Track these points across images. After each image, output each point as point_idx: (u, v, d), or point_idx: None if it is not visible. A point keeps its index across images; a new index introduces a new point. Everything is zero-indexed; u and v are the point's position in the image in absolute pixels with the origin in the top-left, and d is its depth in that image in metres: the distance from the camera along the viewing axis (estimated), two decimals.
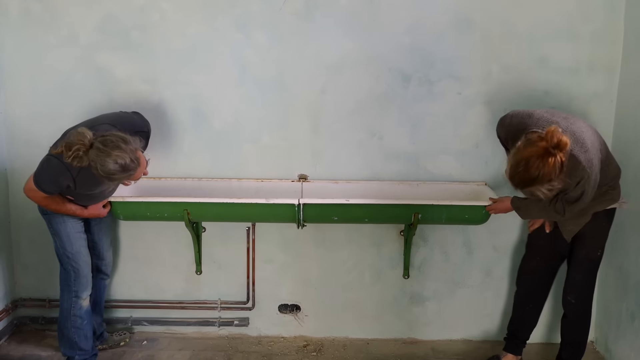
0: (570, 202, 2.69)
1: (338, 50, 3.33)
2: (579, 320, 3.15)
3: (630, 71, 3.23)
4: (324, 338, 3.67)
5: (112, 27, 3.32)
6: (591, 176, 2.57)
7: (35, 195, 2.90)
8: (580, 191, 2.62)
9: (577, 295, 3.09)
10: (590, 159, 2.55)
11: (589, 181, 2.58)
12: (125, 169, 2.64)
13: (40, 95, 3.40)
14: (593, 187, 2.63)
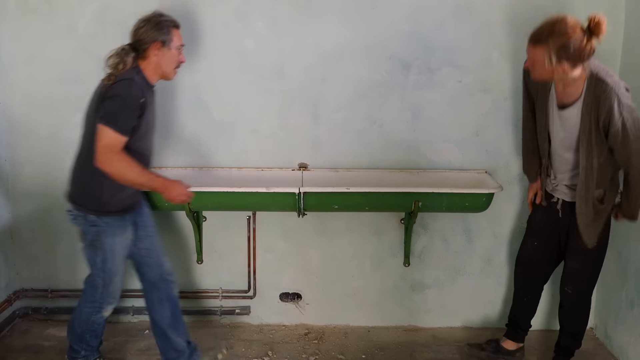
0: (619, 141, 2.65)
1: (338, 38, 3.32)
2: (576, 311, 3.10)
3: (630, 59, 3.23)
4: (325, 326, 3.69)
5: (111, 16, 3.31)
6: (622, 101, 2.59)
7: (119, 159, 2.58)
8: (619, 123, 2.60)
9: (574, 286, 3.03)
10: (619, 86, 2.62)
11: (623, 107, 2.59)
12: (168, 18, 2.76)
13: (39, 85, 3.39)
14: (635, 126, 2.62)
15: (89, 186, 2.75)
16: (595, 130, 2.67)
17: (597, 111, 2.64)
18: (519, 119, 3.29)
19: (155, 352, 3.33)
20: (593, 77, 2.66)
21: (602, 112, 2.62)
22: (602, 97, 2.61)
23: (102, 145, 2.58)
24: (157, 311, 3.10)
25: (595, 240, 2.86)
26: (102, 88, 2.70)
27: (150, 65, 2.76)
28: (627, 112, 2.59)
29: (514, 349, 3.32)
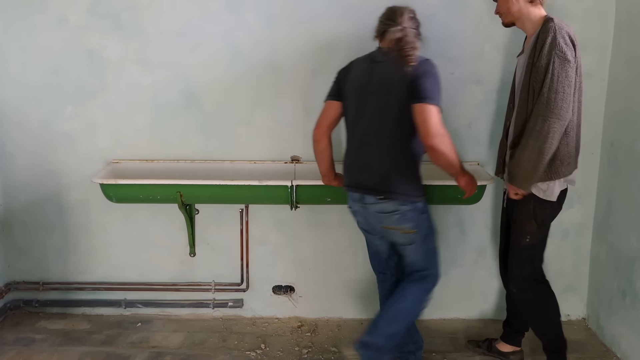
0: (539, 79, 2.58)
1: (330, 30, 3.32)
2: (527, 311, 2.98)
3: (621, 50, 3.24)
4: (318, 318, 3.69)
5: (102, 8, 3.30)
6: (558, 42, 2.54)
7: (448, 137, 2.58)
8: (544, 60, 2.56)
9: (516, 284, 2.91)
10: (562, 29, 2.58)
11: (557, 47, 2.54)
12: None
13: (30, 77, 3.38)
14: (560, 77, 2.54)
15: (410, 172, 2.72)
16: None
17: (536, 48, 2.63)
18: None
19: (146, 344, 3.34)
20: (546, 18, 2.67)
21: (538, 47, 2.61)
22: (542, 32, 2.61)
23: (434, 124, 2.52)
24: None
25: (528, 187, 2.70)
26: (399, 69, 2.62)
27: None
28: (558, 57, 2.55)
29: (508, 351, 3.24)
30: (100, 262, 3.63)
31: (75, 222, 3.57)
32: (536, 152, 2.58)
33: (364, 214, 2.82)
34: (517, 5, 2.73)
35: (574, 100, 2.62)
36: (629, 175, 3.12)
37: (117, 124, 3.43)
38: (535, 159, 2.59)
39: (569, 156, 2.69)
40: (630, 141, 3.11)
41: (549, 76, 2.54)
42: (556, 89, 2.53)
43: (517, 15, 2.75)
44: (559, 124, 2.55)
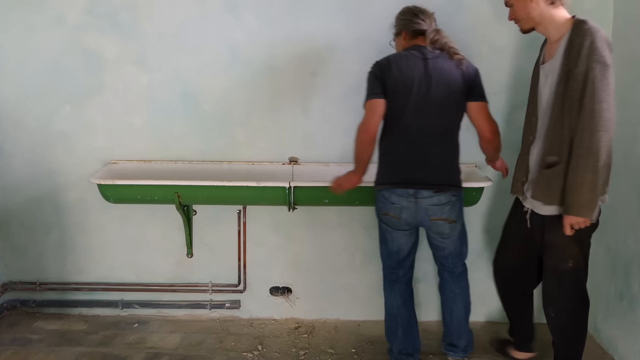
0: (579, 88, 2.43)
1: (328, 32, 3.32)
2: (561, 334, 2.85)
3: (619, 51, 3.23)
4: (315, 320, 3.69)
5: (101, 8, 3.30)
6: (597, 46, 2.38)
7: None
8: (583, 67, 2.40)
9: (555, 308, 2.79)
10: (599, 32, 2.43)
11: (596, 52, 2.38)
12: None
13: (28, 77, 3.38)
14: (602, 84, 2.38)
15: (459, 163, 2.91)
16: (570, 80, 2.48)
17: (570, 54, 2.47)
18: (509, 113, 3.32)
19: (143, 345, 3.34)
20: (576, 21, 2.49)
21: (573, 53, 2.44)
22: (576, 35, 2.43)
23: (494, 121, 2.84)
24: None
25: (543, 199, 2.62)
26: (457, 66, 2.76)
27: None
28: (598, 62, 2.37)
29: (524, 358, 3.21)
30: (98, 263, 3.62)
31: (72, 222, 3.56)
32: (590, 172, 2.40)
33: (413, 209, 2.83)
34: (537, 9, 2.55)
35: None
36: (626, 178, 3.12)
37: (114, 124, 3.43)
38: (591, 180, 2.41)
39: (610, 170, 2.50)
40: (627, 143, 3.11)
41: (590, 85, 2.38)
42: (599, 98, 2.36)
43: (538, 20, 2.58)
44: (607, 137, 2.39)
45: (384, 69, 2.74)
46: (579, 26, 2.44)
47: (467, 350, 3.16)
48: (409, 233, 2.94)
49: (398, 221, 2.88)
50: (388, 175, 2.85)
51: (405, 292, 3.08)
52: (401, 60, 2.75)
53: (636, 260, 3.02)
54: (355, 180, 2.88)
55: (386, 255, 3.05)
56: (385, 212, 2.89)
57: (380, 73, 2.74)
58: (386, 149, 2.84)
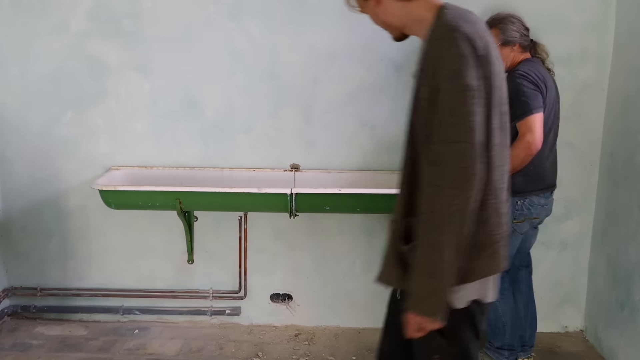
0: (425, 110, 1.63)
1: (330, 39, 3.33)
2: None
3: (621, 61, 3.24)
4: (315, 327, 3.68)
5: (104, 15, 3.31)
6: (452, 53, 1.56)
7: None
8: (429, 87, 1.60)
9: None
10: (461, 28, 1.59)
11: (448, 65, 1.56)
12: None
13: (30, 83, 3.39)
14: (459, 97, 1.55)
15: None
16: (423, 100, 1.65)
17: (419, 67, 1.68)
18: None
19: (143, 351, 3.33)
20: (437, 11, 1.69)
21: (420, 66, 1.66)
22: (428, 37, 1.64)
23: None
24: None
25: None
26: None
27: None
28: (449, 81, 1.55)
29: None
30: (98, 269, 3.62)
31: (73, 228, 3.57)
32: (431, 249, 1.59)
33: (549, 208, 3.11)
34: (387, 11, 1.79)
35: (490, 145, 1.62)
36: (628, 187, 3.12)
37: (117, 130, 3.44)
38: (433, 262, 1.59)
39: (473, 247, 1.64)
40: (629, 152, 3.11)
41: (438, 115, 1.57)
42: (449, 136, 1.55)
43: (397, 23, 1.82)
44: (463, 196, 1.54)
45: (539, 81, 2.86)
46: (435, 21, 1.65)
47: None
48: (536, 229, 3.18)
49: (532, 222, 3.06)
50: (540, 181, 3.01)
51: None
52: (544, 71, 2.95)
53: (637, 270, 3.02)
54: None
55: (513, 255, 3.12)
56: (529, 216, 3.01)
57: (538, 87, 2.85)
58: (535, 157, 2.89)
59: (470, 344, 1.76)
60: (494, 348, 3.19)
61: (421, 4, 1.72)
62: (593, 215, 3.51)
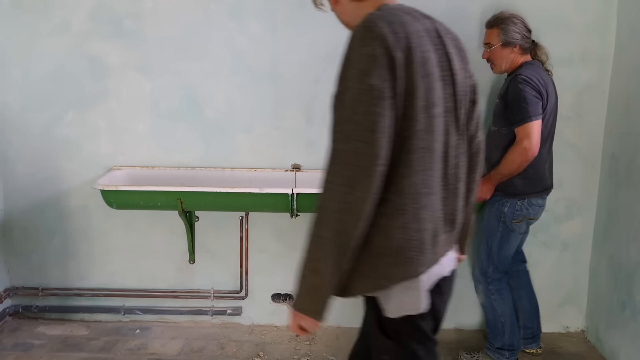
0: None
1: (331, 39, 3.31)
2: None
3: (622, 62, 3.24)
4: None
5: (105, 15, 3.31)
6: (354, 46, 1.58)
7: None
8: (338, 87, 1.60)
9: None
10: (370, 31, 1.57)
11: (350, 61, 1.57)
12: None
13: (32, 83, 3.39)
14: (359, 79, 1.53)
15: None
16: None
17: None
18: None
19: (144, 351, 3.34)
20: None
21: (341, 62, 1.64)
22: (348, 39, 1.62)
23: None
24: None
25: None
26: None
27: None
28: (351, 80, 1.53)
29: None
30: (100, 269, 3.63)
31: (75, 228, 3.57)
32: (315, 245, 1.59)
33: (544, 208, 3.14)
34: (344, 11, 1.84)
35: (409, 148, 1.59)
36: (629, 188, 3.12)
37: (118, 130, 3.44)
38: (313, 258, 1.59)
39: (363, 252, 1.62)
40: (631, 153, 3.11)
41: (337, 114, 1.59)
42: (346, 134, 1.53)
43: (351, 23, 1.78)
44: (351, 197, 1.51)
45: (541, 88, 2.87)
46: (361, 21, 1.63)
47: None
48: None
49: (529, 222, 3.11)
50: (539, 183, 3.04)
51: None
52: (546, 79, 2.96)
53: (638, 271, 3.02)
54: (492, 192, 3.07)
55: (503, 259, 3.16)
56: (527, 216, 3.06)
57: (539, 94, 2.87)
58: (535, 160, 2.94)
59: (416, 347, 1.76)
60: (494, 349, 3.20)
61: (369, 4, 1.72)
62: (594, 216, 3.51)
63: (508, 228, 3.05)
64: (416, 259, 1.60)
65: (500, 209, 3.04)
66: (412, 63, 1.55)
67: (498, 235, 3.09)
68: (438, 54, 1.64)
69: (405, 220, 1.58)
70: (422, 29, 1.63)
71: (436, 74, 1.62)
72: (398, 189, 1.56)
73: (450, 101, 1.67)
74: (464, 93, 1.74)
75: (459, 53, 1.75)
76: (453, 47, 1.72)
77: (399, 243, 1.59)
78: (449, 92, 1.67)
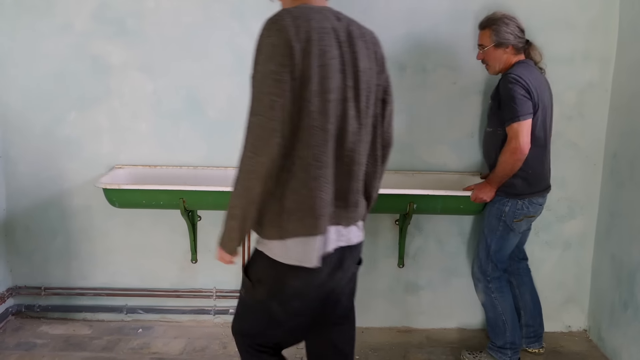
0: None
1: None
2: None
3: (624, 61, 3.24)
4: None
5: (107, 15, 3.31)
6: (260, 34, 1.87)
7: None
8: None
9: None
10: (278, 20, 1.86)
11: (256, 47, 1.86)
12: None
13: (34, 83, 3.39)
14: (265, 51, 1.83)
15: None
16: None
17: None
18: None
19: (147, 350, 3.34)
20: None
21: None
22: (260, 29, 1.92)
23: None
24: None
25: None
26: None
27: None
28: (264, 58, 1.80)
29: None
30: (102, 268, 3.63)
31: (77, 227, 3.57)
32: (232, 196, 1.91)
33: (543, 206, 3.14)
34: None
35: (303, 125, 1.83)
36: (631, 187, 3.12)
37: (120, 129, 3.44)
38: (230, 205, 1.92)
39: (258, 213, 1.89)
40: (633, 153, 3.11)
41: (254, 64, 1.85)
42: (253, 109, 1.81)
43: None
44: (254, 162, 1.79)
45: (530, 87, 2.85)
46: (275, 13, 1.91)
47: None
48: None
49: (529, 220, 3.11)
50: (539, 183, 3.05)
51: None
52: (536, 74, 2.95)
53: None
54: (494, 193, 3.07)
55: (502, 258, 3.17)
56: (527, 215, 3.06)
57: (529, 93, 2.85)
58: (533, 160, 2.96)
59: (267, 299, 2.02)
60: (496, 347, 3.20)
61: (289, 2, 2.04)
62: (596, 215, 3.50)
63: (508, 227, 3.05)
64: (305, 221, 1.88)
65: (501, 208, 3.04)
66: (310, 53, 1.79)
67: (498, 234, 3.09)
68: (341, 50, 1.87)
69: (297, 186, 1.86)
70: (328, 26, 1.86)
71: (335, 66, 1.84)
72: (294, 160, 1.85)
73: (351, 92, 1.90)
74: (368, 90, 1.95)
75: (370, 55, 1.98)
76: (364, 48, 1.95)
77: (291, 205, 1.87)
78: (349, 84, 1.89)
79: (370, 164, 2.09)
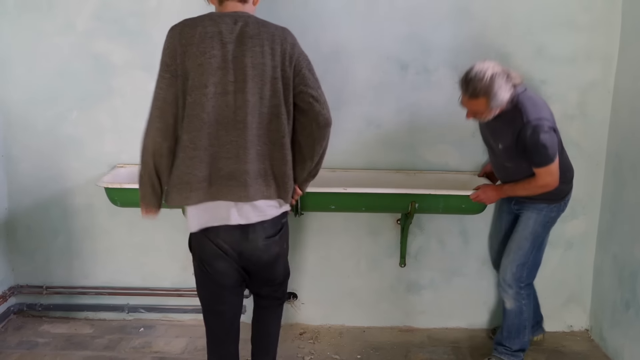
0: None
1: (334, 38, 3.33)
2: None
3: (627, 61, 3.24)
4: (320, 326, 3.68)
5: (109, 14, 3.31)
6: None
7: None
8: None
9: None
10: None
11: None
12: None
13: (37, 82, 3.39)
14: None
15: None
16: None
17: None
18: None
19: (149, 349, 3.34)
20: None
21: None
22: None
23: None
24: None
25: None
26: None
27: None
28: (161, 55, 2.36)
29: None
30: (104, 267, 3.63)
31: (79, 226, 3.58)
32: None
33: None
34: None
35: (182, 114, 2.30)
36: (634, 187, 3.12)
37: (122, 128, 3.44)
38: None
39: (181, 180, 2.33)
40: (635, 152, 3.10)
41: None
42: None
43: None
44: (145, 141, 2.37)
45: (550, 118, 2.78)
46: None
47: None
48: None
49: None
50: (572, 178, 3.07)
51: None
52: (540, 100, 2.89)
53: None
54: (496, 200, 3.10)
55: (540, 263, 3.14)
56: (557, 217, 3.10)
57: (552, 129, 2.76)
58: (565, 164, 2.96)
59: (195, 261, 2.55)
60: (511, 352, 3.17)
61: (212, 9, 2.49)
62: (598, 215, 3.50)
63: (546, 230, 3.07)
64: (182, 193, 2.29)
65: (549, 214, 3.01)
66: (190, 54, 2.23)
67: (540, 239, 3.06)
68: (224, 49, 2.24)
69: (179, 164, 2.29)
70: (214, 30, 2.26)
71: (213, 64, 2.22)
72: (178, 142, 2.30)
73: (231, 87, 2.25)
74: (262, 82, 2.27)
75: (266, 51, 2.29)
76: (258, 46, 2.27)
77: (174, 179, 2.31)
78: (230, 79, 2.24)
79: (275, 150, 2.35)
